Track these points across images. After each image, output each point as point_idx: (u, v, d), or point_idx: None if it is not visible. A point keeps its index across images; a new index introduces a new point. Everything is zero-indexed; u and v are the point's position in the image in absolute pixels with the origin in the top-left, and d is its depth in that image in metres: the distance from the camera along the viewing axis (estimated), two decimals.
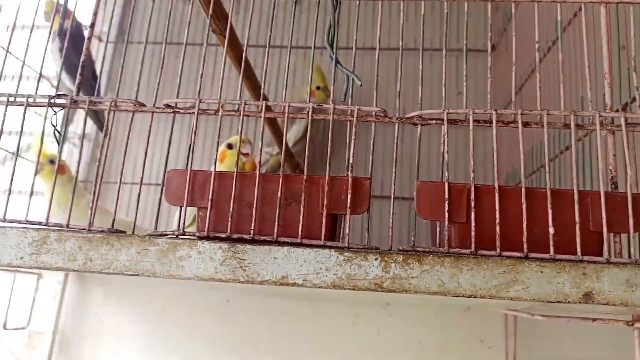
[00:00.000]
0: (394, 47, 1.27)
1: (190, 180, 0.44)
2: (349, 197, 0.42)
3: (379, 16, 0.49)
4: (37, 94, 0.50)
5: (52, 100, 0.49)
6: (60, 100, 0.50)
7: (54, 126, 0.50)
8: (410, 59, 1.29)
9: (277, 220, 0.42)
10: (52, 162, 0.98)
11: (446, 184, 0.42)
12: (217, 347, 1.14)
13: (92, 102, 0.49)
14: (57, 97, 0.50)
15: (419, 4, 0.51)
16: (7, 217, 0.45)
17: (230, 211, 0.42)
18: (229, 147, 0.90)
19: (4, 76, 0.52)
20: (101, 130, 0.48)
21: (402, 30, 0.51)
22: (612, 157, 0.45)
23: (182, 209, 0.44)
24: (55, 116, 0.50)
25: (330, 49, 0.52)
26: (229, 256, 0.39)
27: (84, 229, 0.43)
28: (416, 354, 1.11)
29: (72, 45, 1.06)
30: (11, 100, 0.50)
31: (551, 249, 0.40)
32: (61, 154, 0.53)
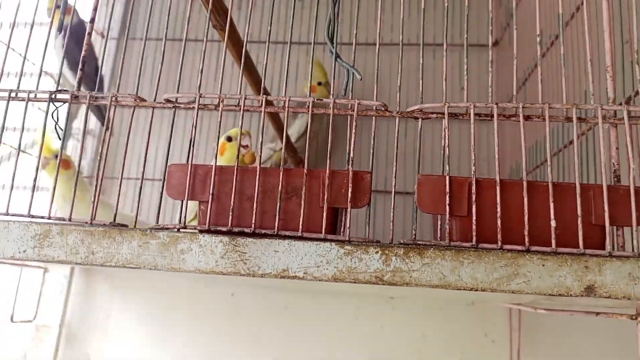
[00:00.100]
0: (398, 42, 1.27)
1: (191, 174, 0.44)
2: (349, 190, 0.42)
3: (379, 11, 0.49)
4: (38, 89, 0.50)
5: (54, 95, 0.50)
6: (61, 95, 0.50)
7: (55, 122, 0.50)
8: (413, 54, 1.29)
9: (277, 213, 0.42)
10: (57, 157, 0.99)
11: (447, 178, 0.42)
12: (221, 340, 1.15)
13: (93, 97, 0.49)
14: (59, 92, 0.50)
15: None
16: (10, 212, 0.46)
17: (231, 205, 0.43)
18: (229, 139, 0.90)
19: (7, 73, 0.52)
20: (107, 127, 0.48)
21: (402, 25, 0.51)
22: (615, 150, 0.45)
23: (183, 202, 0.44)
24: (57, 112, 0.50)
25: (330, 44, 0.52)
26: (230, 249, 0.40)
27: (86, 222, 0.43)
28: (420, 348, 1.11)
29: (75, 41, 1.06)
30: (13, 95, 0.50)
31: (553, 242, 0.39)
32: (65, 148, 0.54)
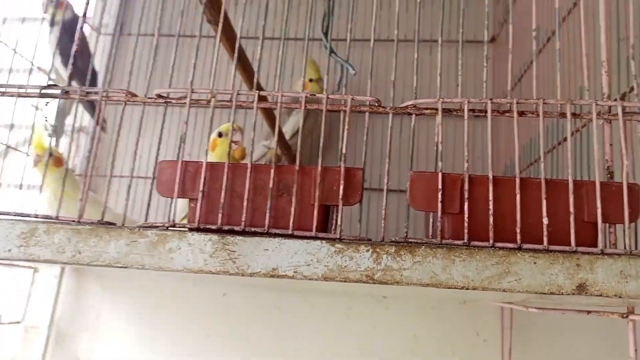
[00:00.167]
0: (394, 38, 1.26)
1: (181, 171, 0.44)
2: (341, 188, 0.42)
3: (374, 6, 0.49)
4: (28, 84, 0.49)
5: (43, 90, 0.49)
6: (51, 90, 0.49)
7: (45, 118, 0.50)
8: (410, 51, 1.28)
9: (268, 211, 0.42)
10: (51, 155, 0.98)
11: (439, 175, 0.42)
12: (212, 340, 1.14)
13: (83, 92, 0.49)
14: (49, 87, 0.49)
15: None
16: None
17: (221, 202, 0.42)
18: (220, 135, 0.89)
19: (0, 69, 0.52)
20: (97, 123, 0.47)
21: (397, 19, 0.50)
22: (609, 146, 0.45)
23: (173, 200, 0.44)
24: (48, 107, 0.50)
25: (324, 38, 0.52)
26: (219, 248, 0.39)
27: (74, 220, 0.43)
28: (412, 347, 1.11)
29: (69, 37, 1.05)
30: (3, 91, 0.50)
31: (545, 239, 0.39)
32: (56, 145, 0.53)
